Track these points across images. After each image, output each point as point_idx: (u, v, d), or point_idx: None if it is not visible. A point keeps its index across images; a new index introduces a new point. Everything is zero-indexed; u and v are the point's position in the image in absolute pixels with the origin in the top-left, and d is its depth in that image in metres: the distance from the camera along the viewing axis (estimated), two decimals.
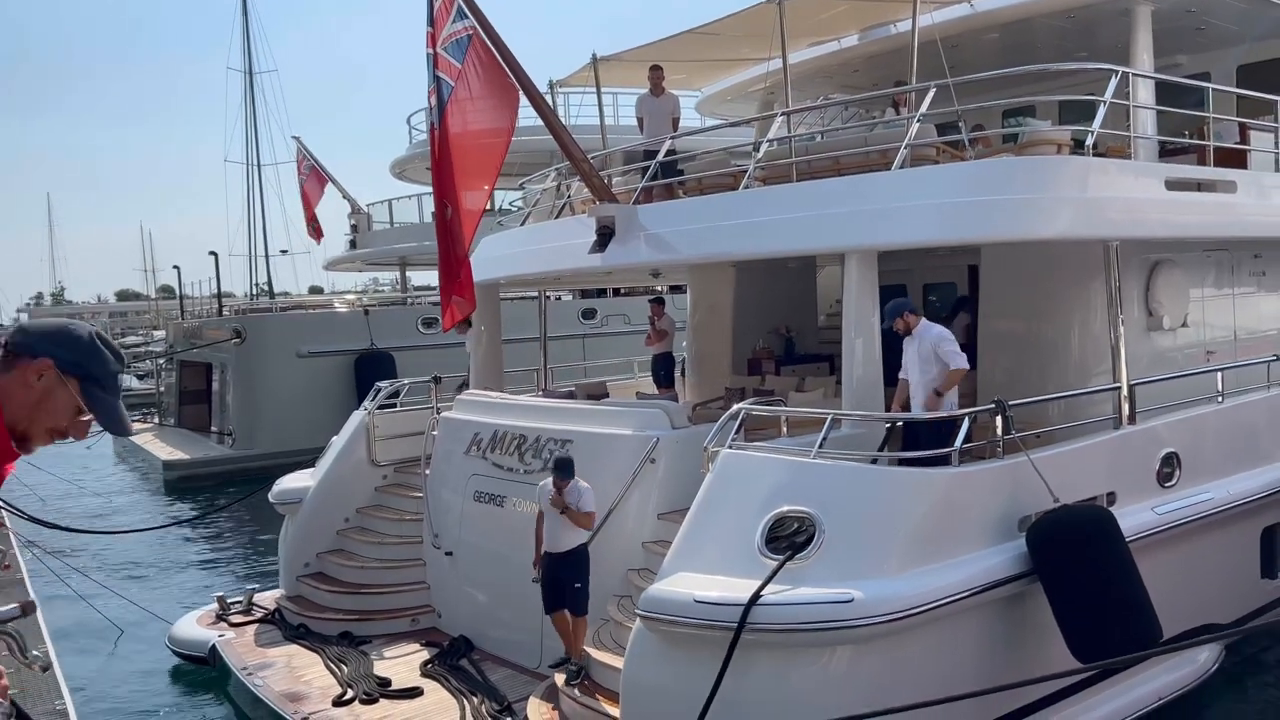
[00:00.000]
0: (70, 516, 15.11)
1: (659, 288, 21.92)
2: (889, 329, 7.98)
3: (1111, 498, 7.32)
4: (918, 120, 8.17)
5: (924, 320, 8.08)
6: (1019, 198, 7.55)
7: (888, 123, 10.33)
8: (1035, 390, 8.15)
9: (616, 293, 27.32)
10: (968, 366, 7.94)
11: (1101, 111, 7.92)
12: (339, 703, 8.01)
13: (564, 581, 7.53)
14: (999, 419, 6.77)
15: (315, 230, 29.58)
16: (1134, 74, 8.86)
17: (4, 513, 12.46)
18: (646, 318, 14.18)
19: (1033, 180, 7.71)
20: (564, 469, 7.48)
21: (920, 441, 7.22)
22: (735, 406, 7.26)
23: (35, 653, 4.87)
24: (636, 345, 14.55)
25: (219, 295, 30.41)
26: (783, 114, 9.85)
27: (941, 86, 8.25)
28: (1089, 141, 7.87)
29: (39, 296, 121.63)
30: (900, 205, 7.79)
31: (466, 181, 9.14)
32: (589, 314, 26.54)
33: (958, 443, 6.53)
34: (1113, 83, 8.08)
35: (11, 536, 11.24)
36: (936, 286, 8.31)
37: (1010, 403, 6.85)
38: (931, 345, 7.85)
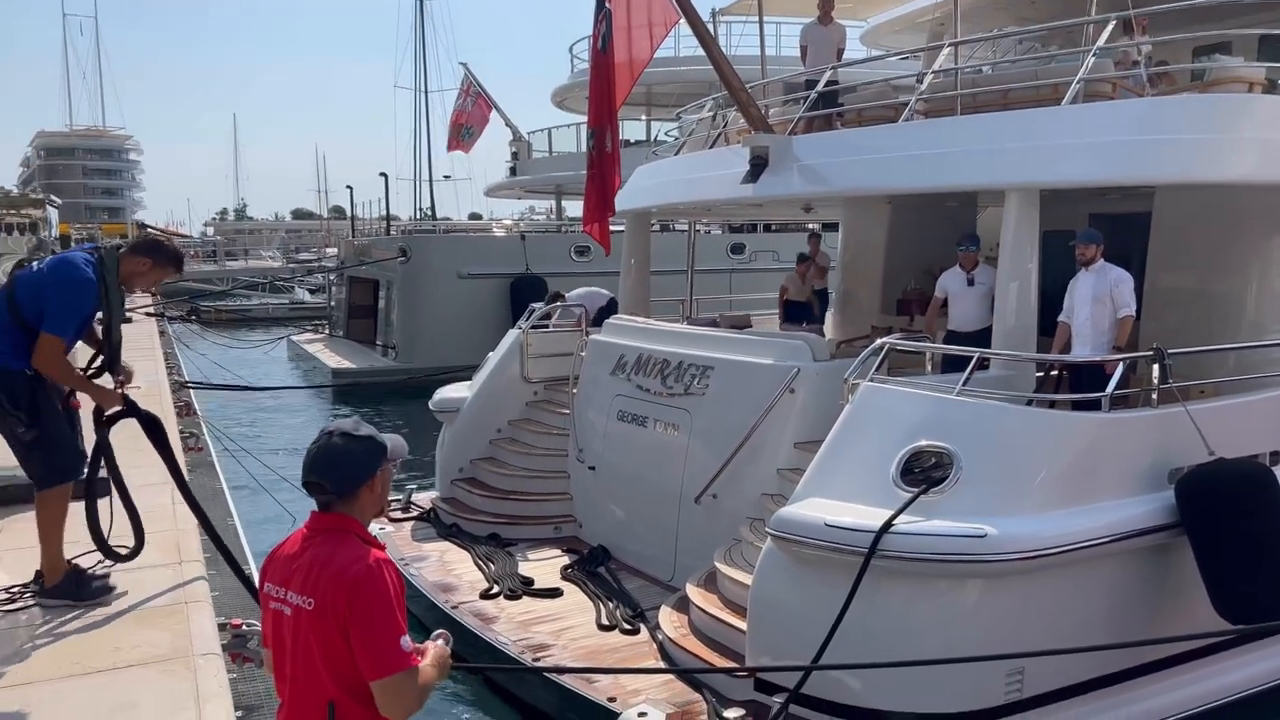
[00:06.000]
0: (248, 412, 16.36)
1: (810, 225, 21.68)
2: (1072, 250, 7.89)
3: (1276, 457, 6.99)
4: (1094, 55, 7.79)
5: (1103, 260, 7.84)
6: (1198, 137, 7.15)
7: (1060, 56, 9.85)
8: (1203, 346, 7.78)
9: (767, 229, 27.14)
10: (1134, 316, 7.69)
11: None
12: (486, 596, 8.59)
13: None
14: (1156, 367, 6.57)
15: (459, 144, 31.16)
16: None
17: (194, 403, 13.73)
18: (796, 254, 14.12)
19: (1214, 119, 7.27)
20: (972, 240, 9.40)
21: (1084, 386, 7.06)
22: (879, 340, 7.28)
23: None
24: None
25: (387, 216, 31.92)
26: (950, 44, 9.55)
27: (1125, 20, 7.84)
28: None
29: (224, 212, 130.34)
30: (1069, 142, 7.50)
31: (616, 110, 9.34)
32: (737, 249, 26.51)
33: (1109, 388, 6.38)
34: None
35: (203, 424, 12.38)
36: (1057, 234, 8.04)
37: (1170, 350, 6.62)
38: (1110, 284, 7.65)
